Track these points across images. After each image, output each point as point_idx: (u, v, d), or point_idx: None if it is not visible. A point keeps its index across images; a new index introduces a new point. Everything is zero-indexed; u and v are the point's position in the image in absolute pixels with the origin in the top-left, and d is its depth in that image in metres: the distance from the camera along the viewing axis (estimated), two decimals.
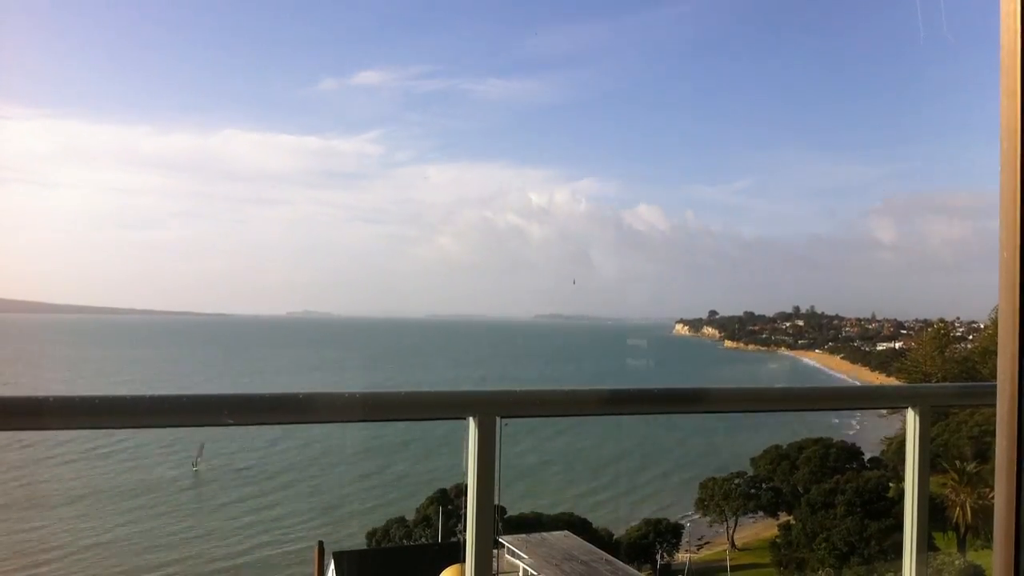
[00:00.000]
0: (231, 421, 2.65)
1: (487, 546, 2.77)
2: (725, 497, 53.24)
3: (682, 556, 49.93)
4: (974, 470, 43.89)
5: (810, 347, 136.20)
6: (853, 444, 57.39)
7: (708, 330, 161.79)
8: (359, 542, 46.18)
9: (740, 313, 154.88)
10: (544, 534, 38.05)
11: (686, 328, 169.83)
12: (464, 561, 2.78)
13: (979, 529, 42.59)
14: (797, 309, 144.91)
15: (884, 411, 55.11)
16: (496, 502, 2.81)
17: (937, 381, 54.16)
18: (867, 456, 56.37)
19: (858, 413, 72.14)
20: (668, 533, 49.68)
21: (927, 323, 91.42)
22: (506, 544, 33.26)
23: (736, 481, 54.36)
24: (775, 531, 48.94)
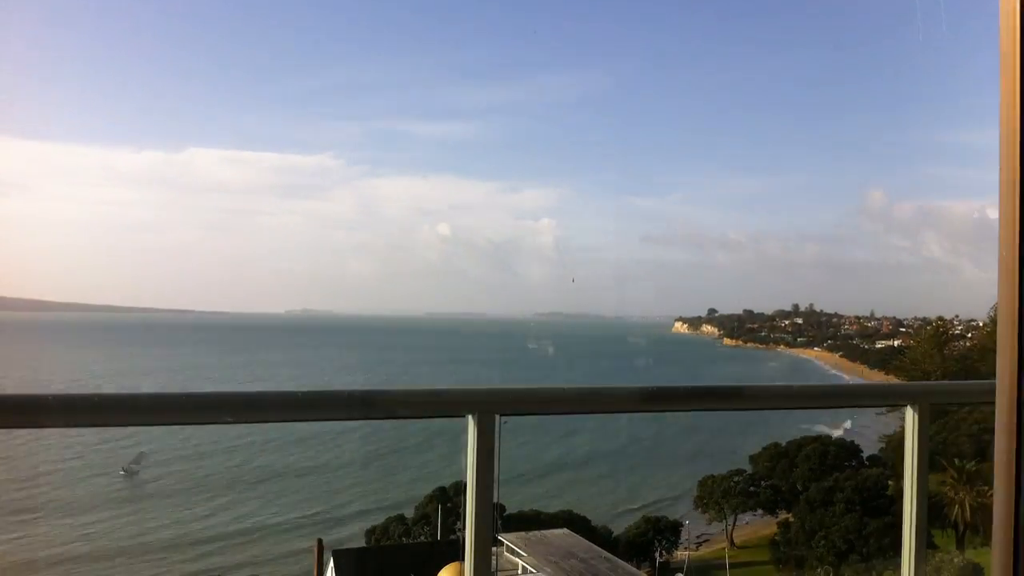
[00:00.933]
0: (231, 419, 2.65)
1: (486, 544, 2.77)
2: (724, 495, 53.31)
3: (681, 554, 49.96)
4: (973, 468, 43.90)
5: (809, 345, 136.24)
6: (851, 442, 57.43)
7: (707, 328, 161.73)
8: (358, 540, 46.21)
9: (739, 311, 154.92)
10: (543, 532, 38.05)
11: (685, 326, 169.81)
12: (463, 559, 2.79)
13: (978, 527, 42.60)
14: (796, 307, 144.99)
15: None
16: (495, 500, 2.81)
17: (936, 379, 54.17)
18: (866, 454, 56.43)
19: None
20: (667, 531, 49.72)
21: (926, 321, 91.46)
22: (505, 542, 33.26)
23: (735, 479, 54.42)
24: (774, 529, 49.00)
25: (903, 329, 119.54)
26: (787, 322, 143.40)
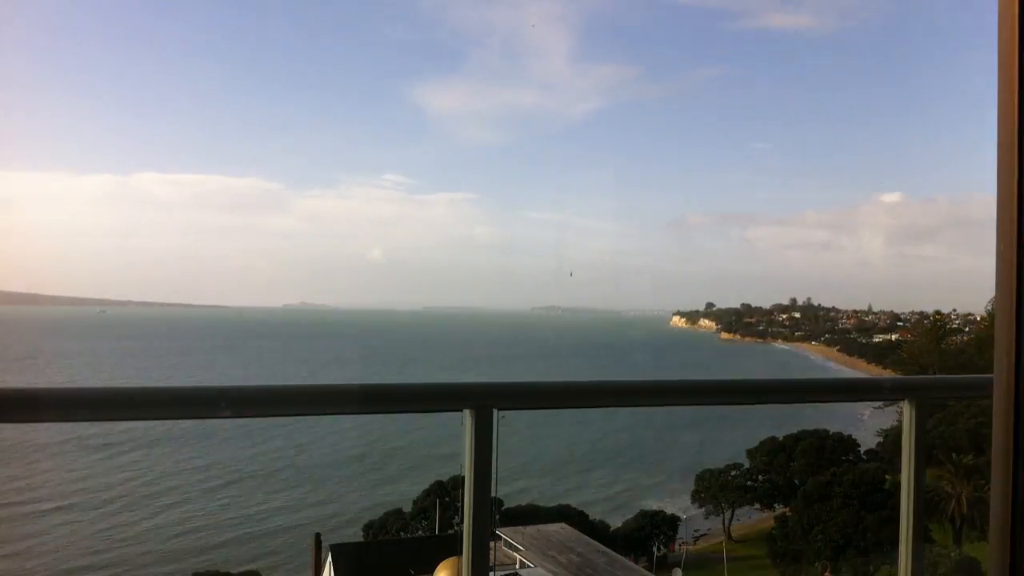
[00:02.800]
0: (229, 413, 2.65)
1: (484, 538, 2.77)
2: (721, 489, 53.41)
3: (679, 548, 50.07)
4: (970, 462, 44.00)
5: (806, 339, 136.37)
6: (849, 436, 57.52)
7: (705, 322, 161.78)
8: (356, 535, 46.24)
9: (737, 305, 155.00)
10: (541, 526, 38.12)
11: (683, 320, 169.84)
12: (461, 554, 2.79)
13: (975, 521, 42.74)
14: (794, 301, 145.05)
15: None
16: (493, 494, 2.81)
17: (933, 373, 54.28)
18: (863, 448, 56.55)
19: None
20: (664, 525, 49.83)
21: (923, 315, 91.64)
22: (503, 536, 33.30)
23: (732, 473, 54.54)
24: (771, 523, 49.09)
25: (900, 323, 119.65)
26: (784, 316, 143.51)
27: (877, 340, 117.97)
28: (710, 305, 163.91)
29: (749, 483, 54.48)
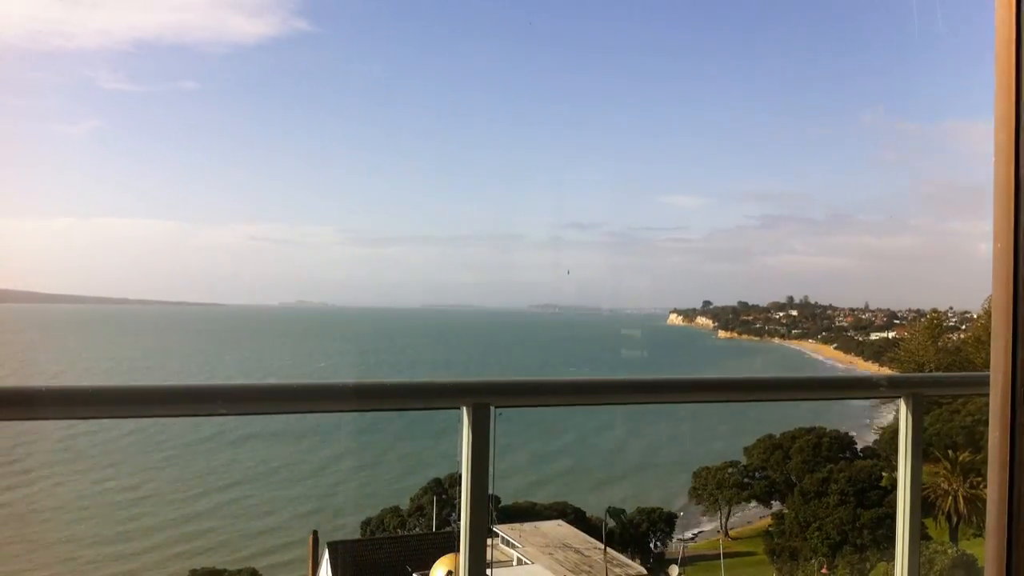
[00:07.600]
0: (224, 411, 2.65)
1: (482, 535, 2.77)
2: (719, 486, 53.42)
3: (676, 545, 50.08)
4: (967, 459, 44.03)
5: (803, 337, 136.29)
6: (846, 434, 57.48)
7: (702, 320, 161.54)
8: (354, 532, 46.24)
9: (734, 303, 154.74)
10: (538, 523, 38.16)
11: (680, 318, 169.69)
12: (459, 550, 2.79)
13: (971, 518, 42.77)
14: (791, 299, 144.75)
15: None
16: (491, 491, 2.81)
17: (930, 371, 54.27)
18: (859, 446, 56.54)
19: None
20: (662, 522, 49.83)
21: (920, 313, 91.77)
22: (500, 533, 33.33)
23: (729, 470, 54.52)
24: (768, 520, 49.13)
25: (897, 321, 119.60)
26: (782, 314, 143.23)
27: (874, 338, 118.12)
28: (707, 303, 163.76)
29: (746, 480, 54.48)
